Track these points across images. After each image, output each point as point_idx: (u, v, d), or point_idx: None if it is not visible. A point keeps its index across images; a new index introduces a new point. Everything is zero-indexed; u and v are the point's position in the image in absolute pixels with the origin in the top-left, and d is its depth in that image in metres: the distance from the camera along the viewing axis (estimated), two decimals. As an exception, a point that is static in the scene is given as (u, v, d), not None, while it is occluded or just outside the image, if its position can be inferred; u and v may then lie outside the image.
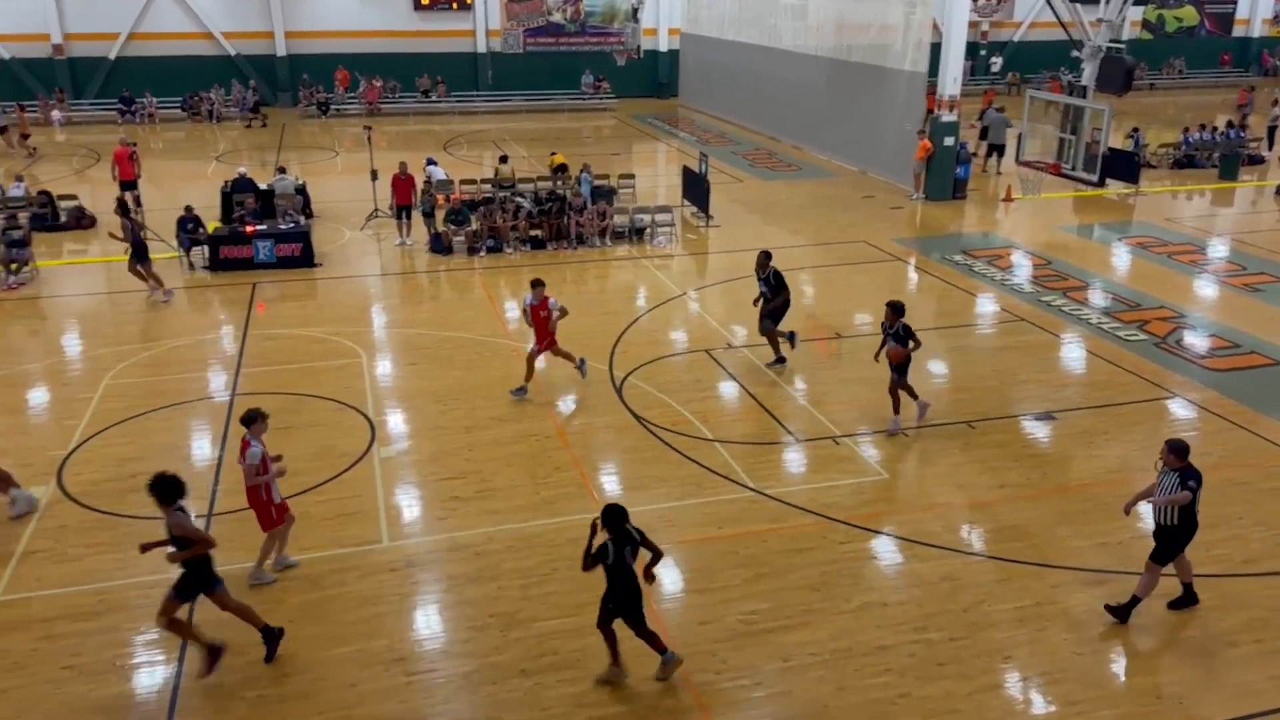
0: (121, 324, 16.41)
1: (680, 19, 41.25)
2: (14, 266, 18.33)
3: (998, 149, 28.18)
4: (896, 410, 12.44)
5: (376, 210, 22.29)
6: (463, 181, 24.04)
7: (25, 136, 30.75)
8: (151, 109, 36.42)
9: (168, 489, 7.82)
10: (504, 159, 25.23)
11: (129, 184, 22.14)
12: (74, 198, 22.58)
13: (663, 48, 43.70)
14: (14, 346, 15.39)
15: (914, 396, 12.53)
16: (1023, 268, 19.67)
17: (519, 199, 21.90)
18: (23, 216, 21.07)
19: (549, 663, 8.26)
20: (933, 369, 14.73)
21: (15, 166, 27.55)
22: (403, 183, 20.61)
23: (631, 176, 25.31)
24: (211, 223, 20.17)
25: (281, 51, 39.11)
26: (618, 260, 20.31)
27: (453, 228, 20.95)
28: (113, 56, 37.56)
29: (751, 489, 11.06)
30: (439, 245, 20.48)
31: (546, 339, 13.43)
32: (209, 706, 7.80)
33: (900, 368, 12.26)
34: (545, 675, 8.11)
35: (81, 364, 14.76)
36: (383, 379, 14.18)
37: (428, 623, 8.89)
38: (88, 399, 13.27)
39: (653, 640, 7.99)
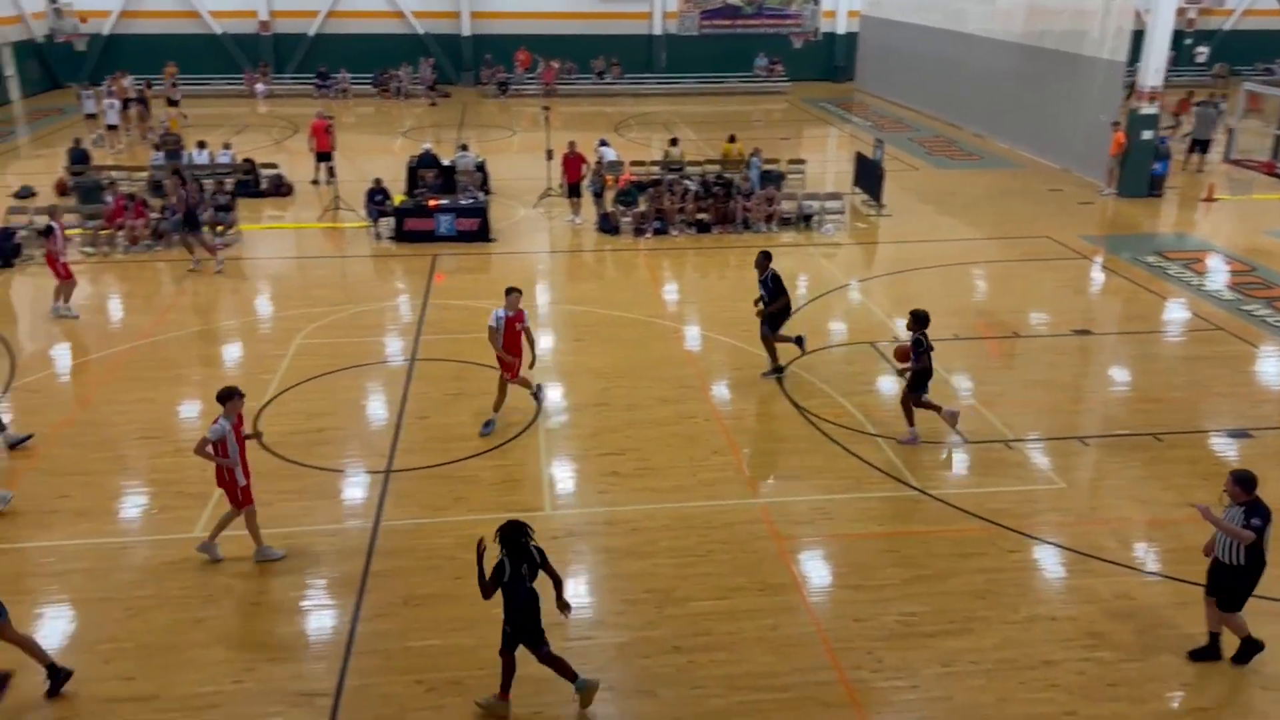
0: (312, 287, 17.47)
1: (861, 1, 40.26)
2: (220, 229, 19.79)
3: (1201, 145, 26.23)
4: (911, 422, 11.77)
5: (549, 189, 22.85)
6: (632, 163, 24.31)
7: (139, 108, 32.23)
8: (345, 84, 38.45)
9: None
10: (674, 142, 25.35)
11: (325, 155, 23.48)
12: (274, 166, 24.14)
13: (841, 30, 42.78)
14: (218, 303, 16.63)
15: (909, 421, 11.78)
16: (1222, 273, 18.30)
17: (687, 181, 21.98)
18: (229, 182, 22.69)
19: (702, 642, 8.34)
20: (1116, 375, 13.95)
21: (215, 135, 29.65)
22: (572, 161, 21.06)
23: (802, 162, 24.96)
24: (398, 195, 21.17)
25: (467, 31, 40.52)
26: (783, 247, 20.07)
27: (621, 208, 21.25)
28: (312, 33, 39.85)
29: (915, 488, 10.79)
30: (607, 225, 20.82)
31: (519, 358, 12.01)
32: (383, 647, 8.26)
33: (911, 380, 11.60)
34: (698, 654, 8.20)
35: (275, 323, 15.80)
36: (550, 353, 14.57)
37: (586, 591, 9.12)
38: (280, 356, 14.21)
39: (560, 666, 7.51)
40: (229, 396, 9.24)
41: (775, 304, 13.18)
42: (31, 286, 17.18)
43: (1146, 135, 23.02)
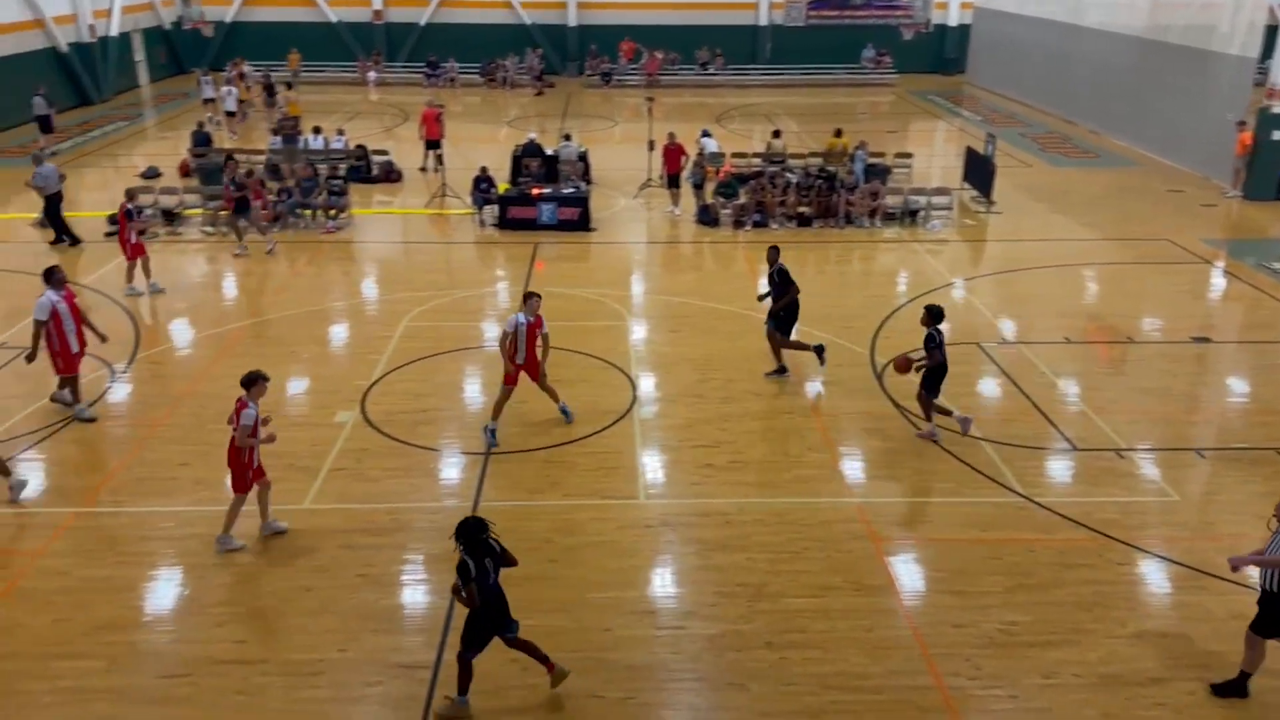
0: (418, 272, 17.90)
1: (975, -8, 39.25)
2: (333, 213, 20.44)
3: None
4: (929, 418, 11.58)
5: (650, 180, 22.91)
6: (733, 155, 24.19)
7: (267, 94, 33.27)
8: (453, 73, 39.21)
9: None
10: (777, 133, 25.14)
11: (434, 143, 24.01)
12: (385, 153, 24.79)
13: (953, 22, 41.75)
14: (328, 284, 17.18)
15: (927, 416, 11.54)
16: (1359, 282, 17.29)
17: (789, 174, 21.77)
18: (342, 167, 23.41)
19: (795, 639, 8.29)
20: (1235, 386, 13.32)
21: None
22: (672, 152, 21.09)
23: (908, 156, 24.46)
24: (502, 184, 21.52)
25: (573, 22, 40.88)
26: (886, 243, 19.76)
27: (721, 200, 21.18)
28: (423, 23, 40.76)
29: (1020, 494, 10.50)
30: (706, 216, 20.78)
31: (535, 366, 11.70)
32: (477, 629, 8.45)
33: (924, 378, 11.36)
34: (791, 651, 8.15)
35: (383, 305, 16.24)
36: (646, 343, 14.63)
37: (678, 581, 9.15)
38: (388, 337, 14.61)
39: (530, 649, 7.56)
40: (254, 381, 9.37)
41: (781, 300, 12.99)
42: (155, 264, 18.01)
43: (1277, 135, 21.84)
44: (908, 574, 9.25)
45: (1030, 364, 13.78)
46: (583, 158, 23.34)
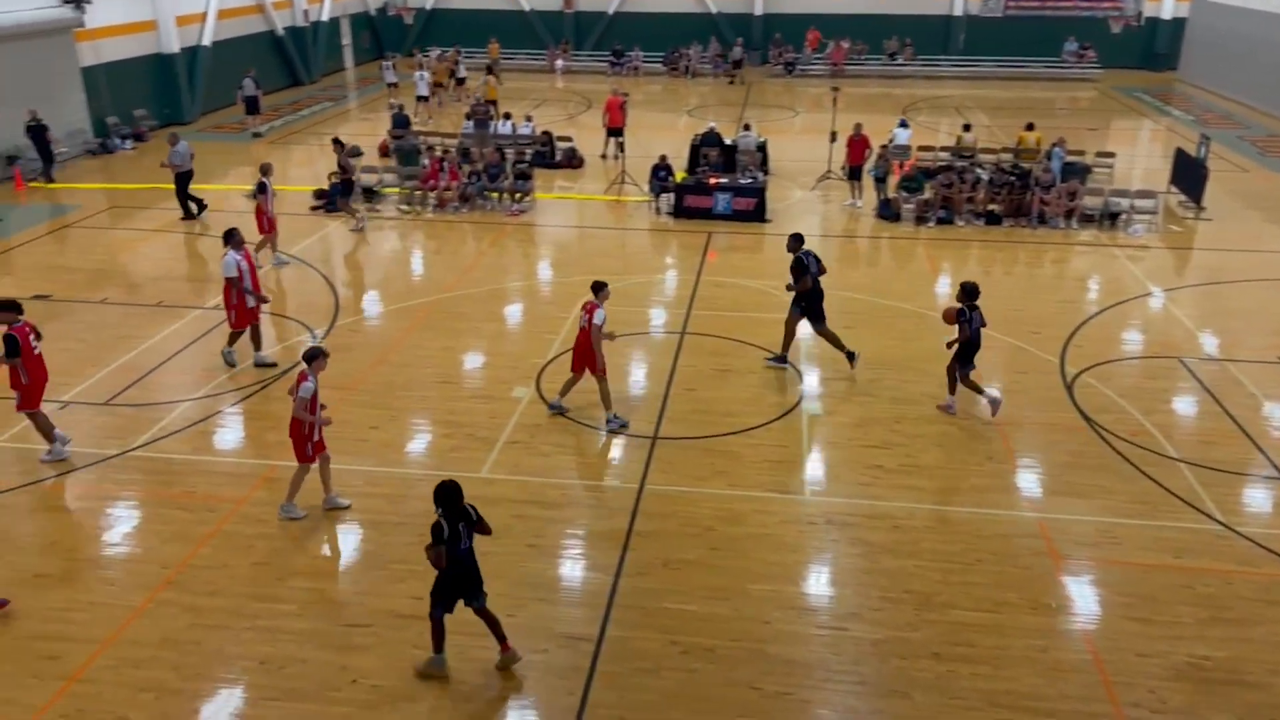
0: (593, 256, 18.26)
1: (1194, -17, 36.47)
2: (518, 196, 21.11)
3: None
4: (952, 390, 12.02)
5: (829, 171, 22.52)
6: (920, 148, 23.44)
7: (456, 82, 34.33)
8: (637, 62, 39.70)
9: None
10: (967, 127, 24.19)
11: (616, 131, 24.39)
12: (569, 139, 25.39)
13: (1166, 15, 38.95)
14: (510, 265, 17.76)
15: (950, 389, 12.04)
16: None
17: (978, 170, 20.92)
18: (528, 153, 24.13)
19: (963, 653, 8.01)
20: None
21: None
22: (857, 143, 20.62)
23: (1110, 155, 23.04)
24: (679, 172, 21.66)
25: (759, 11, 40.60)
26: (1082, 246, 18.69)
27: (904, 194, 20.59)
28: (611, 12, 41.42)
29: (1219, 522, 9.76)
30: (887, 211, 20.25)
31: (585, 360, 11.58)
32: (642, 604, 8.59)
33: (958, 352, 11.70)
34: (959, 664, 7.89)
35: (559, 287, 16.67)
36: (817, 337, 14.37)
37: (841, 581, 9.01)
38: (563, 318, 14.98)
39: (492, 624, 7.71)
40: (315, 356, 9.60)
41: (796, 287, 12.83)
42: (351, 238, 19.12)
43: None
44: (1089, 596, 8.77)
45: (1236, 383, 12.77)
46: (761, 148, 23.17)
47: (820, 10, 39.87)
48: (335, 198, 20.02)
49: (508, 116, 25.78)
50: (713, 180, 20.54)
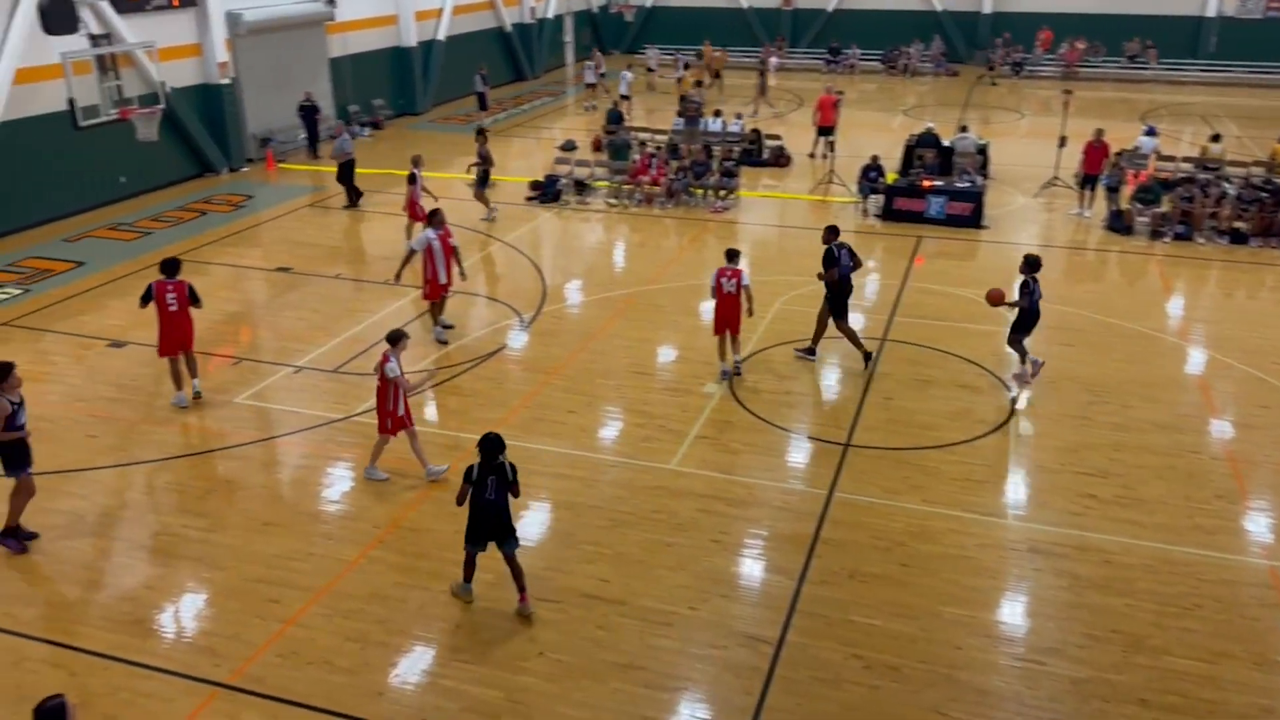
0: (794, 256, 17.98)
1: None
2: (722, 193, 21.17)
3: None
4: (1024, 360, 12.54)
5: (1056, 178, 21.28)
6: (1159, 158, 21.76)
7: (714, 76, 34.44)
8: (853, 60, 38.91)
9: None
10: (1215, 137, 22.22)
11: (827, 130, 24.00)
12: (777, 137, 25.21)
13: None
14: (710, 261, 17.38)
15: (1022, 360, 12.56)
16: None
17: (1225, 184, 19.20)
18: (736, 150, 24.14)
19: (1175, 703, 7.40)
20: None
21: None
22: (1095, 150, 19.33)
23: (1385, 173, 20.57)
24: (890, 174, 21.07)
25: (988, 9, 38.85)
26: (1345, 272, 16.82)
27: (1139, 206, 19.17)
28: (830, 9, 40.77)
29: None
30: (1118, 223, 18.93)
31: (730, 323, 12.59)
32: (825, 613, 8.44)
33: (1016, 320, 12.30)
34: (1166, 714, 7.30)
35: (758, 286, 16.47)
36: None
37: (1042, 614, 8.51)
38: (761, 317, 14.89)
39: (518, 574, 8.34)
40: (399, 338, 10.22)
41: (824, 277, 12.96)
42: (561, 229, 19.78)
43: None
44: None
45: None
46: (981, 151, 22.17)
47: (1054, 9, 37.69)
48: (685, 191, 20.57)
49: (718, 114, 25.88)
50: (926, 183, 19.85)
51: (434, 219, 13.87)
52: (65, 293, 15.87)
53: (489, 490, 8.14)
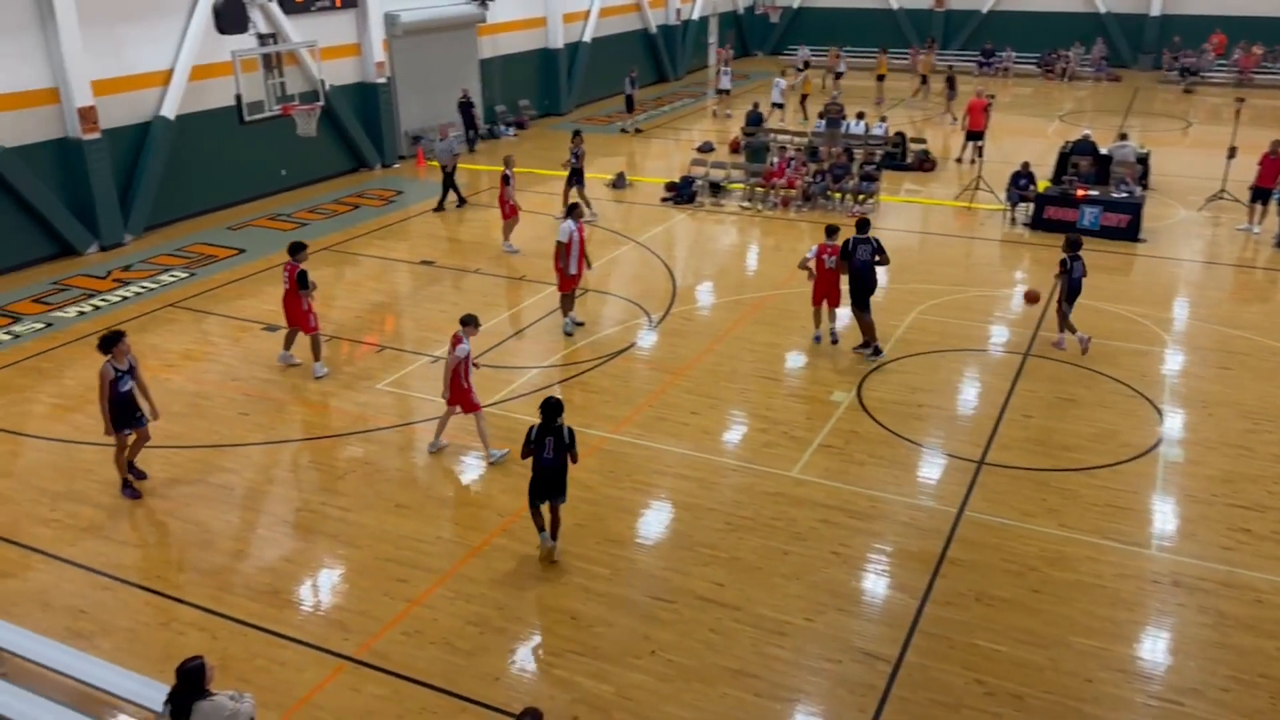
0: (935, 264, 17.53)
1: None
2: (860, 197, 20.77)
3: None
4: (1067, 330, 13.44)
5: (1223, 191, 19.98)
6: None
7: (924, 80, 33.60)
8: (1007, 63, 37.49)
9: None
10: None
11: (976, 134, 23.21)
12: (923, 141, 24.55)
13: None
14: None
15: (1072, 329, 13.42)
16: None
17: None
18: (878, 154, 23.65)
19: (1331, 762, 6.86)
20: None
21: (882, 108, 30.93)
22: (1272, 163, 18.05)
23: None
24: (1042, 181, 20.23)
25: (1155, 11, 36.78)
26: None
27: (1317, 224, 17.80)
28: (985, 10, 39.41)
29: None
30: (1292, 241, 17.63)
31: (827, 291, 13.63)
32: (948, 635, 8.19)
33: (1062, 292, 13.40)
34: (1322, 773, 6.77)
35: (895, 294, 16.17)
36: (1185, 376, 12.90)
37: (1182, 652, 8.02)
38: (895, 326, 14.55)
39: (556, 522, 9.14)
40: (469, 322, 10.81)
41: (843, 268, 13.50)
42: (695, 231, 19.80)
43: None
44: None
45: None
46: (1142, 160, 21.02)
47: (1229, 12, 35.34)
48: (820, 195, 20.55)
49: (860, 116, 25.40)
50: (1080, 192, 18.96)
51: (572, 212, 14.15)
52: (227, 277, 16.91)
53: (546, 450, 8.80)
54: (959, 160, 24.06)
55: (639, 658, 7.99)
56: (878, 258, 13.49)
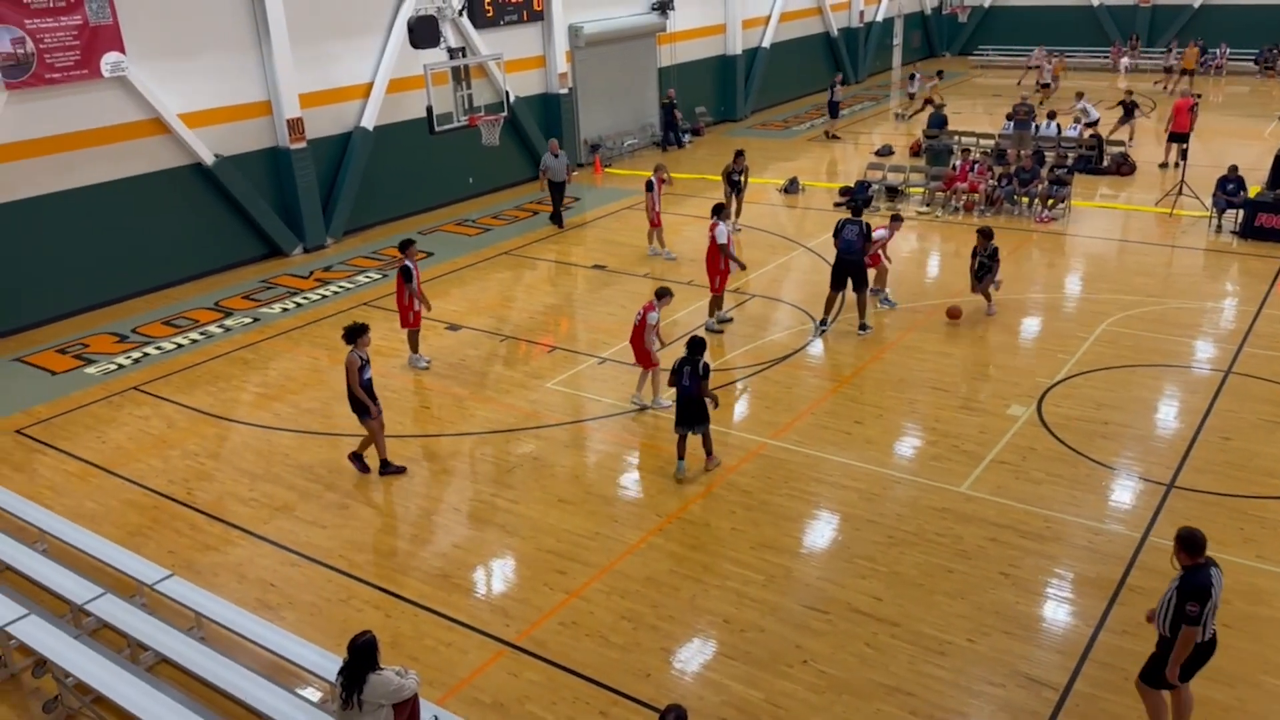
0: (1129, 274, 16.47)
1: None
2: (1050, 202, 19.75)
3: None
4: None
5: None
6: None
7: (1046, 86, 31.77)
8: (1221, 60, 34.75)
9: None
10: None
11: (1180, 136, 21.64)
12: (1120, 144, 23.10)
13: None
14: (1030, 275, 16.71)
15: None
16: None
17: None
18: (1071, 156, 22.44)
19: None
20: None
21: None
22: None
23: None
24: (1254, 186, 18.65)
25: (1400, -4, 33.25)
26: None
27: None
28: (1196, 5, 36.69)
29: None
30: None
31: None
32: (1123, 665, 7.70)
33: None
34: None
35: (1083, 303, 15.33)
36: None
37: (1400, 706, 7.23)
38: (1082, 338, 13.79)
39: (708, 444, 10.69)
40: (664, 294, 12.16)
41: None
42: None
43: None
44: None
45: None
46: (1376, 163, 19.01)
47: None
48: (1008, 200, 20.03)
49: (1052, 116, 24.16)
50: (1299, 198, 17.37)
51: (719, 212, 14.61)
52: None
53: (684, 378, 10.27)
54: (1163, 165, 22.48)
55: (790, 666, 7.93)
56: (859, 241, 14.06)
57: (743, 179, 19.34)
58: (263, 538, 10.09)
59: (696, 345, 10.39)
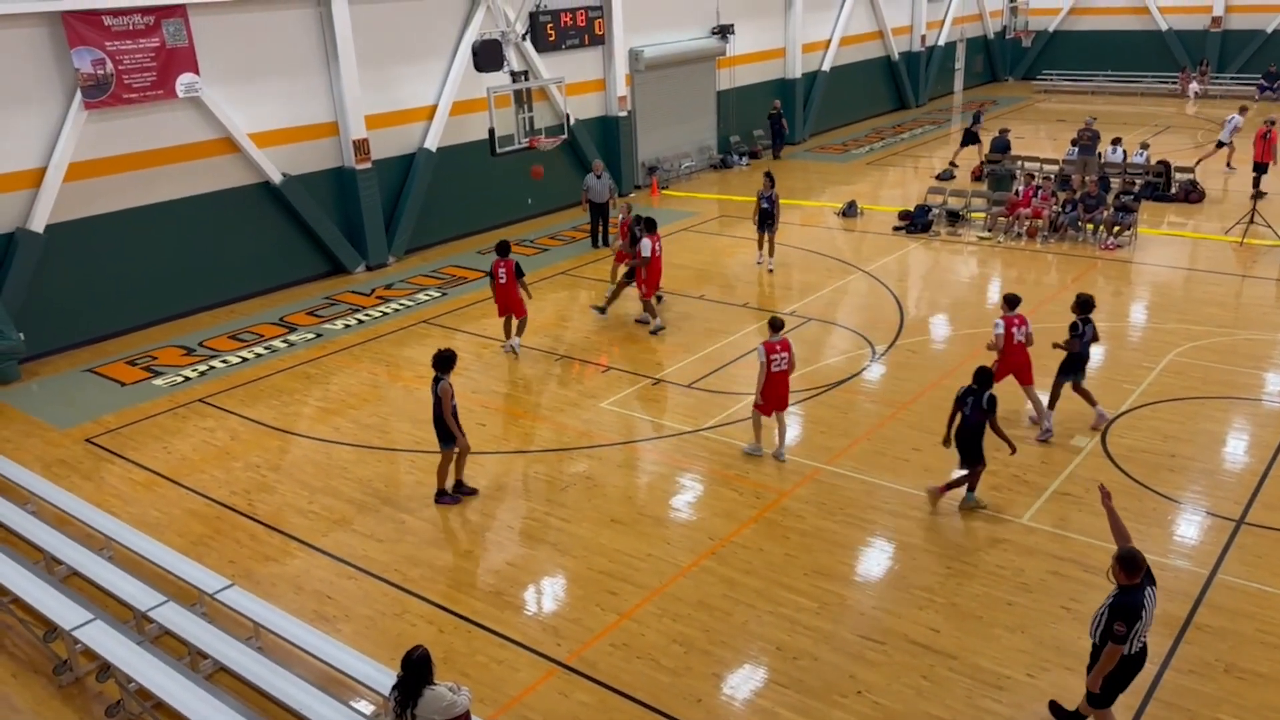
0: (1198, 304, 16.06)
1: None
2: (1116, 229, 19.37)
3: None
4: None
5: None
6: None
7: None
8: (1295, 85, 33.90)
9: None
10: None
11: (1260, 166, 21.06)
12: (1190, 170, 22.61)
13: None
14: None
15: (1051, 405, 11.98)
16: None
17: None
18: (1137, 183, 22.00)
19: None
20: None
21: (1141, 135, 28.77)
22: None
23: None
24: (1333, 214, 18.11)
25: None
26: None
27: None
28: (1270, 30, 35.85)
29: None
30: None
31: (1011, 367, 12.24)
32: (1189, 706, 7.45)
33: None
34: None
35: (1149, 333, 14.97)
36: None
37: None
38: (1148, 368, 13.47)
39: (975, 479, 10.30)
40: (778, 327, 11.50)
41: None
42: (928, 261, 19.16)
43: None
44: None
45: None
46: None
47: None
48: (1071, 226, 19.61)
49: (1116, 142, 23.73)
50: (1379, 228, 16.81)
51: (654, 228, 16.08)
52: (473, 298, 18.09)
53: (966, 408, 10.05)
54: (1254, 196, 21.91)
55: (844, 696, 7.81)
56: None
57: (774, 209, 18.30)
58: (320, 550, 10.24)
59: (983, 376, 9.96)
